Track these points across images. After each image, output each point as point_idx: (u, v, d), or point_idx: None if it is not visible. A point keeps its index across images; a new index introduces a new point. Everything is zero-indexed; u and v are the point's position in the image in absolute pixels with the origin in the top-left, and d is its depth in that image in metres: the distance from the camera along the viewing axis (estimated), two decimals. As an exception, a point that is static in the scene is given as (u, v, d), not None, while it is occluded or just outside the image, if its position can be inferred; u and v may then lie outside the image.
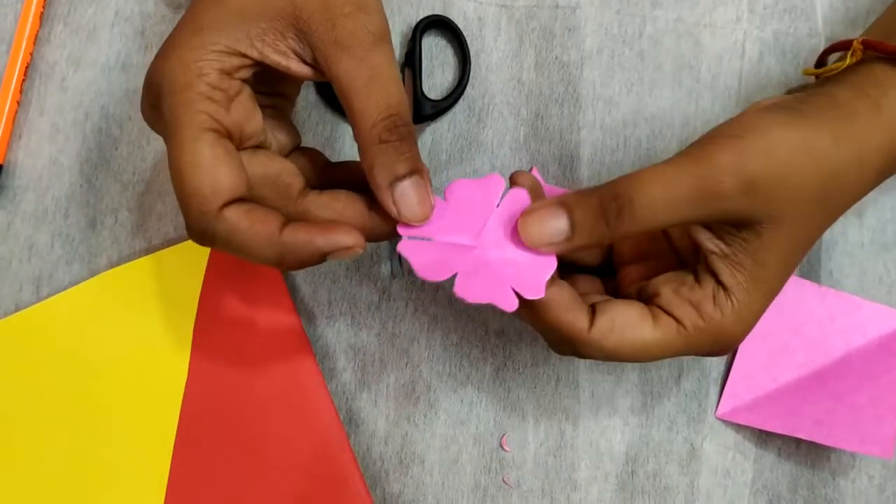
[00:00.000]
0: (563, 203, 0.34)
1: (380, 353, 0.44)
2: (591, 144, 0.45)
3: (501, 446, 0.43)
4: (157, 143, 0.45)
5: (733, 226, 0.34)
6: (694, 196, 0.33)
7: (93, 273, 0.44)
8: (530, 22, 0.46)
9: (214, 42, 0.33)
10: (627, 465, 0.44)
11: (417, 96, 0.44)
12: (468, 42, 0.45)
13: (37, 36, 0.45)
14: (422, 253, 0.35)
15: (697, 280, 0.35)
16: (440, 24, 0.45)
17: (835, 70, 0.38)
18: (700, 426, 0.44)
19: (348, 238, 0.33)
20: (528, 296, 0.34)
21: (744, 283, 0.34)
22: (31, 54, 0.45)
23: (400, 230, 0.35)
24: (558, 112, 0.45)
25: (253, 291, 0.43)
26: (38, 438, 0.42)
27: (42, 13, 0.45)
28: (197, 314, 0.43)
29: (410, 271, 0.40)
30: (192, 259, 0.43)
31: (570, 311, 0.35)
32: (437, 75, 0.46)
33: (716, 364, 0.44)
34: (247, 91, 0.35)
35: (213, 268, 0.43)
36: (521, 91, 0.45)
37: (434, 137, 0.45)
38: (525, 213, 0.35)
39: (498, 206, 0.36)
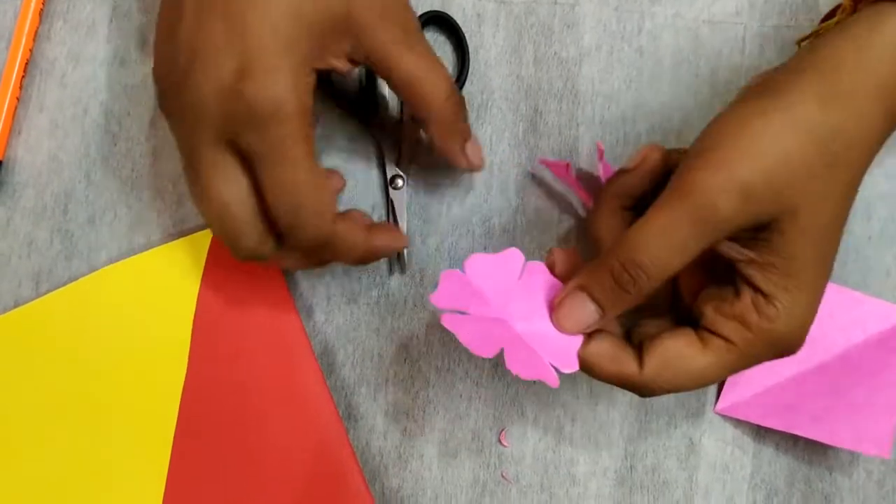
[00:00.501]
0: (583, 287, 0.35)
1: (378, 349, 0.44)
2: (590, 140, 0.45)
3: (500, 441, 0.43)
4: (155, 140, 0.45)
5: (752, 232, 0.33)
6: (696, 232, 0.32)
7: (92, 269, 0.44)
8: (529, 18, 0.45)
9: (303, 61, 0.34)
10: (626, 459, 0.44)
11: None
12: (467, 38, 0.45)
13: (36, 32, 0.45)
14: (465, 327, 0.37)
15: (737, 292, 0.34)
16: (439, 21, 0.45)
17: (825, 29, 0.37)
18: (699, 421, 0.44)
19: (400, 241, 0.41)
20: (564, 370, 0.36)
21: (780, 282, 0.33)
22: (30, 51, 0.45)
23: (432, 299, 0.37)
24: (557, 108, 0.45)
25: (252, 287, 0.43)
26: (37, 435, 0.42)
27: (42, 10, 0.45)
28: (196, 309, 0.43)
29: (403, 270, 0.44)
30: (192, 255, 0.43)
31: (615, 361, 0.35)
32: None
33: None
34: None
35: (212, 263, 0.43)
36: (519, 87, 0.45)
37: (433, 133, 0.45)
38: (555, 308, 0.36)
39: (519, 279, 0.37)
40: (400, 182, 0.44)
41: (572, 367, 0.36)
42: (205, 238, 0.43)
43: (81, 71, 0.45)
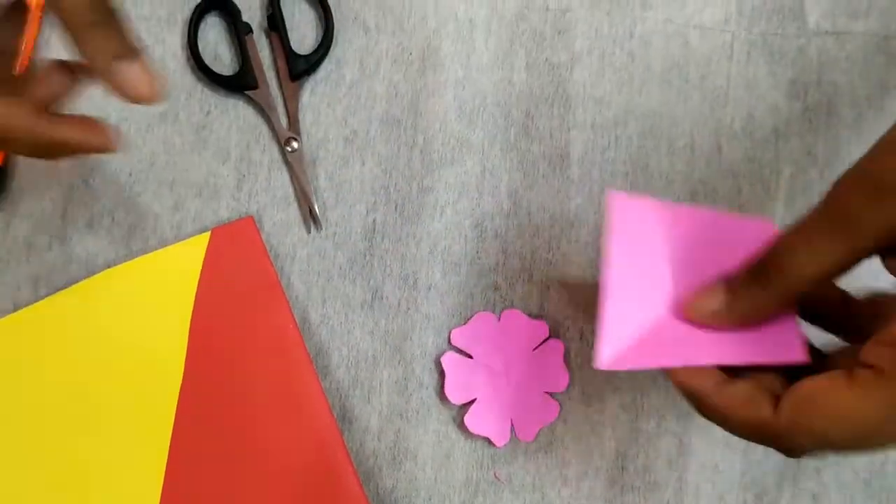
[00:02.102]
0: (723, 280, 0.33)
1: (372, 351, 0.44)
2: (581, 143, 0.46)
3: (492, 443, 0.44)
4: (152, 144, 0.45)
5: None
6: (835, 236, 0.29)
7: (90, 273, 0.44)
8: (521, 23, 0.46)
9: None
10: (617, 460, 0.44)
11: (288, 55, 0.45)
12: (460, 43, 0.45)
13: (36, 40, 0.45)
14: (457, 370, 0.44)
15: (891, 322, 0.29)
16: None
17: None
18: (689, 422, 0.44)
19: (103, 137, 0.36)
20: (520, 437, 0.43)
21: None
22: (29, 58, 0.45)
23: (453, 338, 0.44)
24: (549, 112, 0.46)
25: (248, 291, 0.44)
26: (35, 437, 0.43)
27: (41, 17, 0.45)
28: (193, 313, 0.43)
29: (319, 227, 0.45)
30: (189, 259, 0.44)
31: (748, 404, 0.30)
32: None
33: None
34: None
35: (209, 267, 0.44)
36: (511, 92, 0.46)
37: (426, 137, 0.46)
38: (685, 297, 0.34)
39: (536, 349, 0.44)
40: (295, 144, 0.45)
41: (528, 437, 0.43)
42: (201, 242, 0.44)
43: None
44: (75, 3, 0.31)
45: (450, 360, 0.44)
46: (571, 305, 0.45)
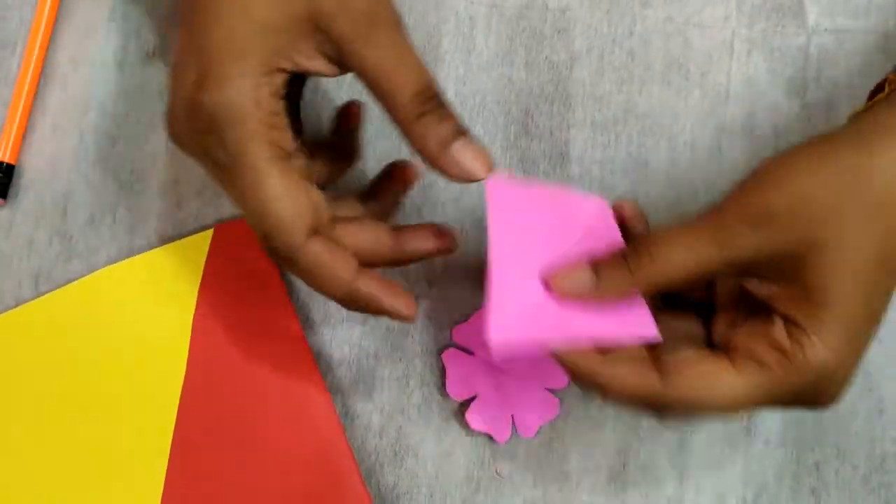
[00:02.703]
0: (592, 260, 0.35)
1: (374, 348, 0.45)
2: (581, 142, 0.46)
3: (494, 439, 0.44)
4: (154, 142, 0.45)
5: (775, 264, 0.33)
6: (713, 246, 0.33)
7: (91, 270, 0.44)
8: (520, 22, 0.46)
9: (260, 64, 0.33)
10: (618, 456, 0.44)
11: None
12: (459, 41, 0.45)
13: (51, 36, 0.46)
14: (458, 366, 0.43)
15: (771, 323, 0.34)
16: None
17: (875, 103, 0.37)
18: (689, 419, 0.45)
19: (408, 309, 0.37)
20: (521, 433, 0.43)
21: (812, 312, 0.33)
22: (43, 59, 0.45)
23: (454, 335, 0.44)
24: (548, 110, 0.46)
25: (250, 288, 0.44)
26: (36, 434, 0.43)
27: (55, 17, 0.45)
28: (195, 311, 0.43)
29: None
30: (191, 257, 0.44)
31: (637, 375, 0.34)
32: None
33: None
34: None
35: (211, 265, 0.44)
36: (511, 90, 0.46)
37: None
38: (554, 271, 0.36)
39: None
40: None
41: (529, 433, 0.43)
42: (204, 240, 0.44)
43: (80, 73, 0.46)
44: (408, 97, 0.34)
45: (451, 357, 0.44)
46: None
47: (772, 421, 0.45)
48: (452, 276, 0.45)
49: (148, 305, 0.44)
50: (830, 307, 0.32)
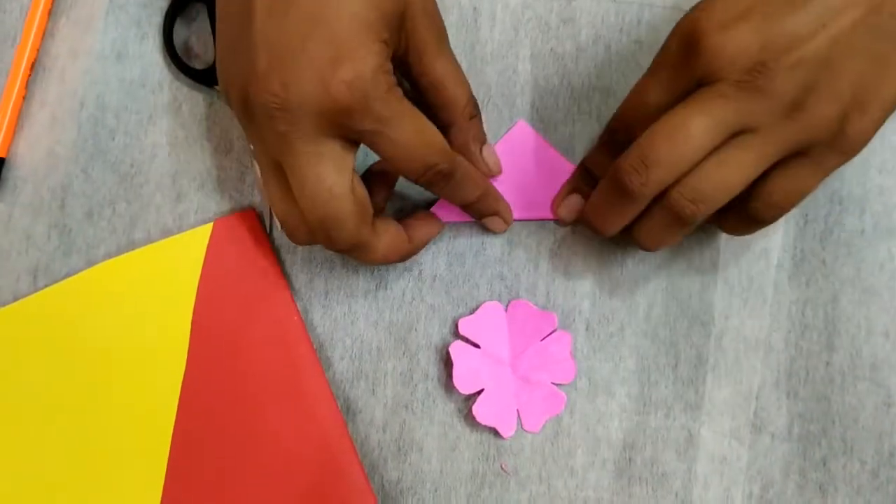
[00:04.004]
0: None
1: (377, 342, 0.44)
2: (587, 135, 0.45)
3: (499, 434, 0.43)
4: (154, 135, 0.45)
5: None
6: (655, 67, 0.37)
7: (90, 264, 0.44)
8: (525, 12, 0.46)
9: (384, 43, 0.35)
10: (625, 451, 0.44)
11: None
12: (464, 32, 0.45)
13: (44, 32, 0.45)
14: (465, 359, 0.43)
15: None
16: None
17: None
18: (696, 413, 0.44)
19: (438, 226, 0.43)
20: (527, 428, 0.43)
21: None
22: (37, 50, 0.45)
23: (461, 328, 0.44)
24: (553, 103, 0.45)
25: (251, 282, 0.43)
26: (35, 428, 0.42)
27: (50, 9, 0.45)
28: (195, 304, 0.43)
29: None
30: (191, 250, 0.44)
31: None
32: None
33: (712, 351, 0.45)
34: None
35: (211, 258, 0.43)
36: (516, 82, 0.45)
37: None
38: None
39: (543, 340, 0.44)
40: None
41: (534, 428, 0.43)
42: (204, 234, 0.44)
43: (79, 65, 0.45)
44: (463, 100, 0.40)
45: (458, 350, 0.43)
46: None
47: (778, 416, 0.44)
48: (456, 271, 0.45)
49: (147, 300, 0.43)
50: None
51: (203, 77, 0.44)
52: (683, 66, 0.35)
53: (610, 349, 0.44)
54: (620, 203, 0.37)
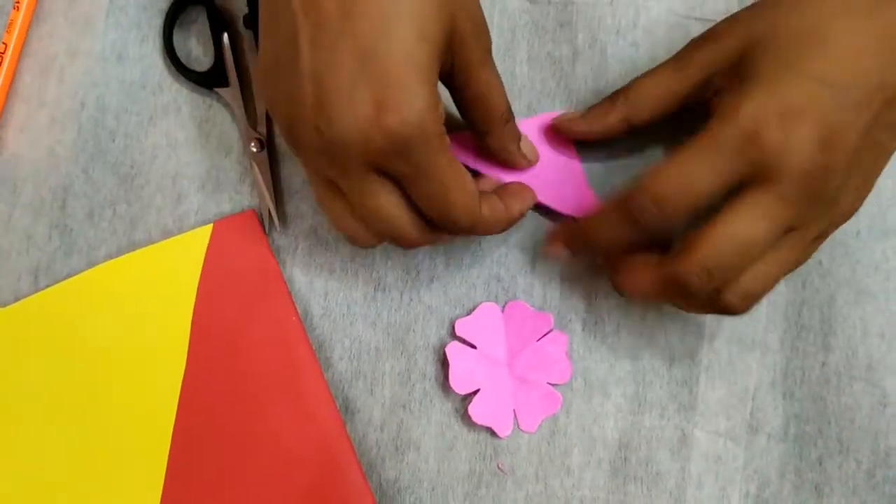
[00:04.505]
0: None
1: (375, 343, 0.44)
2: (584, 136, 0.46)
3: (496, 433, 0.44)
4: (154, 136, 0.45)
5: (727, 73, 0.38)
6: (669, 71, 0.41)
7: (91, 264, 0.44)
8: (522, 16, 0.46)
9: (434, 79, 0.35)
10: (620, 451, 0.44)
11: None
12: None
13: (29, 25, 0.45)
14: (461, 360, 0.44)
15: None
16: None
17: None
18: (691, 413, 0.45)
19: (532, 195, 0.43)
20: (523, 427, 0.44)
21: (737, 81, 0.37)
22: (22, 43, 0.45)
23: (457, 328, 0.44)
24: (551, 106, 0.46)
25: (250, 282, 0.44)
26: (36, 429, 0.42)
27: (35, 5, 0.45)
28: (195, 305, 0.43)
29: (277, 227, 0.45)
30: (191, 251, 0.44)
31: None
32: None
33: (706, 352, 0.45)
34: None
35: (211, 259, 0.44)
36: (513, 85, 0.46)
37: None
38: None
39: (539, 340, 0.44)
40: (255, 146, 0.44)
41: (530, 428, 0.44)
42: (204, 234, 0.44)
43: (79, 66, 0.45)
44: (502, 108, 0.40)
45: (454, 350, 0.43)
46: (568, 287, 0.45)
47: (774, 416, 0.45)
48: (453, 272, 0.45)
49: (148, 300, 0.44)
50: (753, 76, 0.36)
51: (203, 79, 0.45)
52: (738, 155, 0.35)
53: (605, 350, 0.45)
54: (673, 297, 0.39)
